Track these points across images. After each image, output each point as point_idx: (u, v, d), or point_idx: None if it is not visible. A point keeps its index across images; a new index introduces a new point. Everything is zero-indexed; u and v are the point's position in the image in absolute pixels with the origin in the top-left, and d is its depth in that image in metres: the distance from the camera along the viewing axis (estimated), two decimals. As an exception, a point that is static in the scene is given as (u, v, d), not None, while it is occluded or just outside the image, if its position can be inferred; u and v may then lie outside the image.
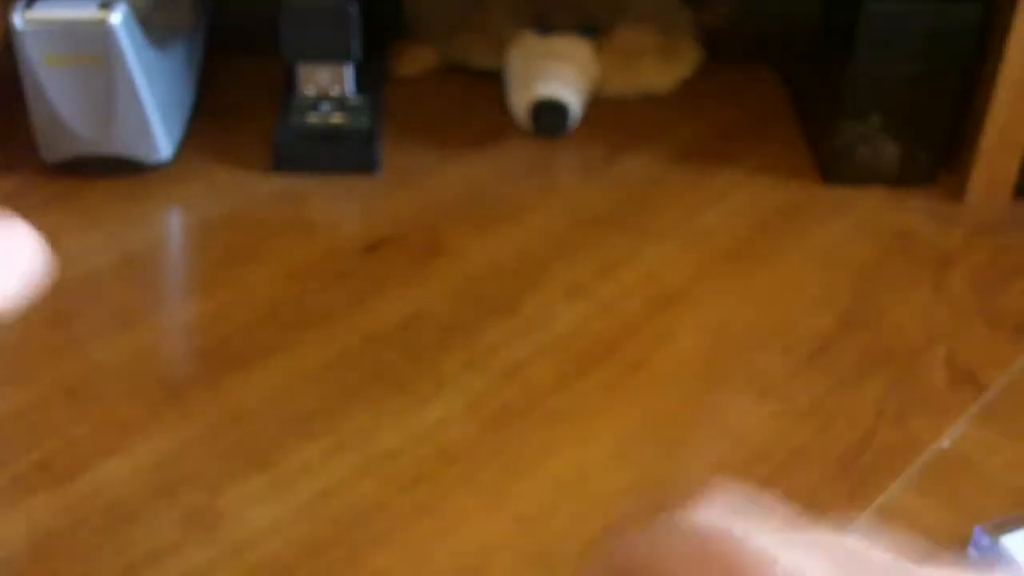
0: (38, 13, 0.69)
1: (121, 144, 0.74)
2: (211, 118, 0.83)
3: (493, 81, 0.86)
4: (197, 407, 0.58)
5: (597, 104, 0.85)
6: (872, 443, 0.56)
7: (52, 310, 0.65)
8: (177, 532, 0.51)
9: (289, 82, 0.79)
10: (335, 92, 0.78)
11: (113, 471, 0.54)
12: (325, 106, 0.78)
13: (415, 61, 0.90)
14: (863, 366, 0.62)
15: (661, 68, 0.88)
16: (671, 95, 0.88)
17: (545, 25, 0.85)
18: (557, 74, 0.81)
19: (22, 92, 0.72)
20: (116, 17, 0.69)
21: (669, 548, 0.21)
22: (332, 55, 0.76)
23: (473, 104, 0.86)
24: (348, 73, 0.77)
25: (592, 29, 0.85)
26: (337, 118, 0.78)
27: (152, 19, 0.74)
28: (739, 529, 0.21)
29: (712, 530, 0.21)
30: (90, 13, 0.69)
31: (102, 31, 0.69)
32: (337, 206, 0.76)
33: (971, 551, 0.49)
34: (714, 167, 0.80)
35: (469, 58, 0.89)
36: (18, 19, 0.69)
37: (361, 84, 0.78)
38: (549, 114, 0.80)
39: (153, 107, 0.73)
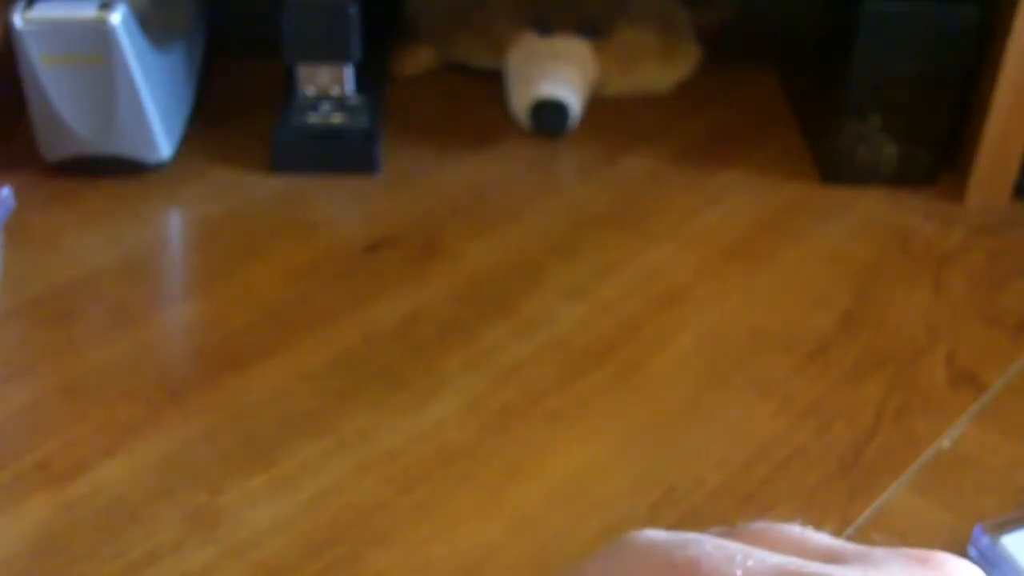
0: (38, 13, 0.69)
1: (121, 144, 0.74)
2: (211, 118, 0.83)
3: (493, 81, 0.86)
4: (197, 407, 0.58)
5: (597, 104, 0.85)
6: (872, 443, 0.56)
7: (52, 310, 0.65)
8: (177, 532, 0.51)
9: (289, 82, 0.79)
10: (335, 92, 0.78)
11: (113, 471, 0.54)
12: (325, 106, 0.78)
13: (415, 61, 0.90)
14: (863, 366, 0.62)
15: (661, 68, 0.88)
16: (671, 95, 0.88)
17: (545, 25, 0.85)
18: (557, 74, 0.81)
19: (22, 92, 0.72)
20: (116, 17, 0.69)
21: (635, 565, 0.21)
22: (332, 55, 0.76)
23: (473, 104, 0.86)
24: (348, 73, 0.77)
25: (592, 29, 0.85)
26: (337, 118, 0.78)
27: (152, 19, 0.74)
28: (696, 539, 0.21)
29: (673, 541, 0.21)
30: (90, 13, 0.69)
31: (102, 31, 0.69)
32: (337, 206, 0.76)
33: (971, 551, 0.49)
34: (714, 167, 0.80)
35: (469, 58, 0.89)
36: (18, 19, 0.69)
37: (361, 84, 0.78)
38: (549, 114, 0.80)
39: (153, 107, 0.73)
